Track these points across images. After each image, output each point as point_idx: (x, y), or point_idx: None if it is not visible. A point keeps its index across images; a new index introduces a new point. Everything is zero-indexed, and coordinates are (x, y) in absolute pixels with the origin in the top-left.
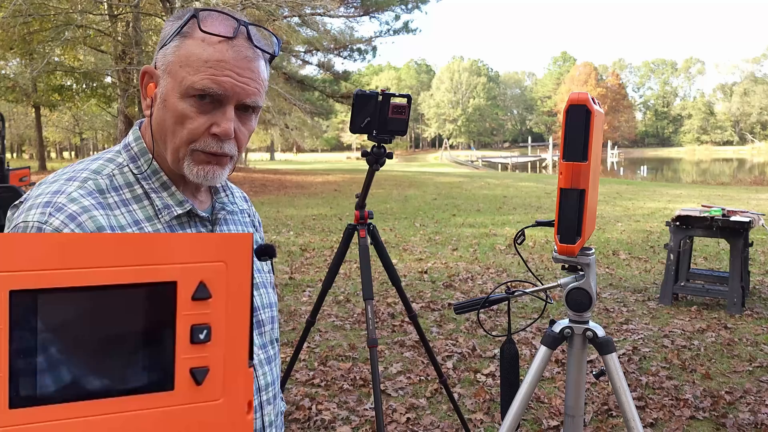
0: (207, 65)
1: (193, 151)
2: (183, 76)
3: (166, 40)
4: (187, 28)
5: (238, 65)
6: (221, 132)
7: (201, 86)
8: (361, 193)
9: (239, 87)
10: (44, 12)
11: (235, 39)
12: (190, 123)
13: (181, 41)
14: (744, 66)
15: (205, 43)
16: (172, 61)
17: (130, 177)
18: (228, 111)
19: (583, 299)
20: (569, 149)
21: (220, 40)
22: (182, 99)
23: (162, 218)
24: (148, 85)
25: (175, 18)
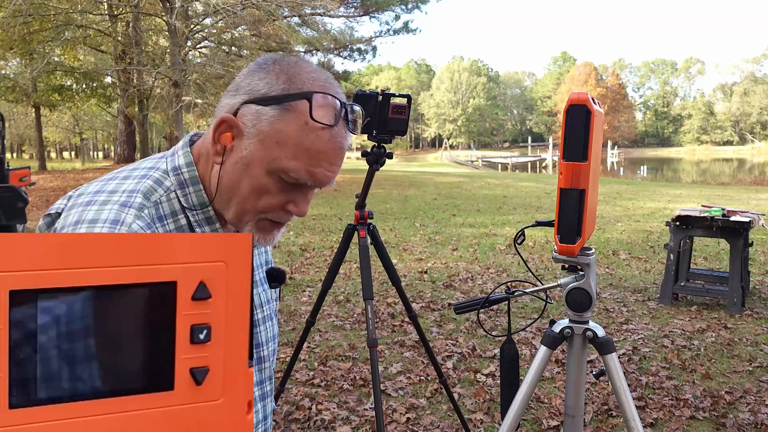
0: (306, 154)
1: (260, 219)
2: (277, 155)
3: (261, 98)
4: (293, 104)
5: (332, 156)
6: (298, 213)
7: (294, 175)
8: (361, 193)
9: (327, 177)
10: (44, 12)
11: (337, 125)
12: (268, 198)
13: (282, 114)
14: (744, 66)
15: (309, 127)
16: (267, 131)
17: (176, 205)
18: (309, 195)
19: (583, 299)
20: (569, 149)
21: (324, 128)
22: (268, 174)
23: None
24: (224, 133)
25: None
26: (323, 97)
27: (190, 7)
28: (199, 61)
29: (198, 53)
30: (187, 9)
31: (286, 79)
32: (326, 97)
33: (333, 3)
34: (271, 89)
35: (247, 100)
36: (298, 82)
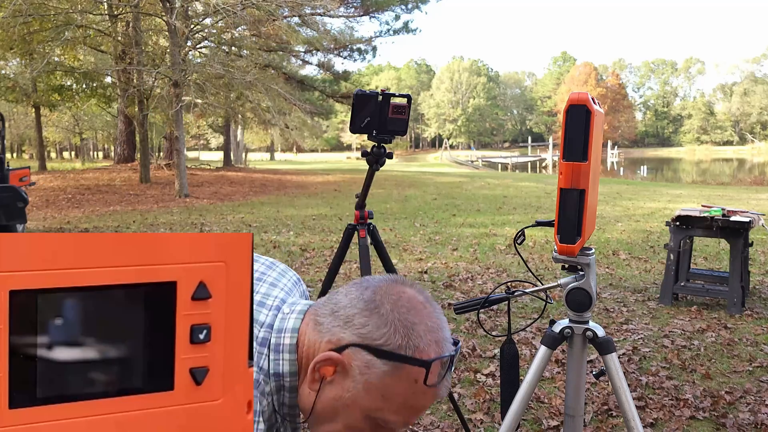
0: (410, 411)
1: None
2: (381, 406)
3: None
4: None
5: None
6: None
7: (392, 426)
8: (361, 193)
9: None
10: (44, 12)
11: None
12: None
13: (394, 371)
14: (744, 66)
15: (418, 388)
16: (375, 383)
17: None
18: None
19: (583, 299)
20: (569, 149)
21: (430, 388)
22: (365, 419)
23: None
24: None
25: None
26: (440, 362)
27: (190, 7)
28: (199, 61)
29: (198, 53)
30: (187, 9)
31: (403, 335)
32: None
33: (333, 3)
34: (387, 341)
35: (358, 343)
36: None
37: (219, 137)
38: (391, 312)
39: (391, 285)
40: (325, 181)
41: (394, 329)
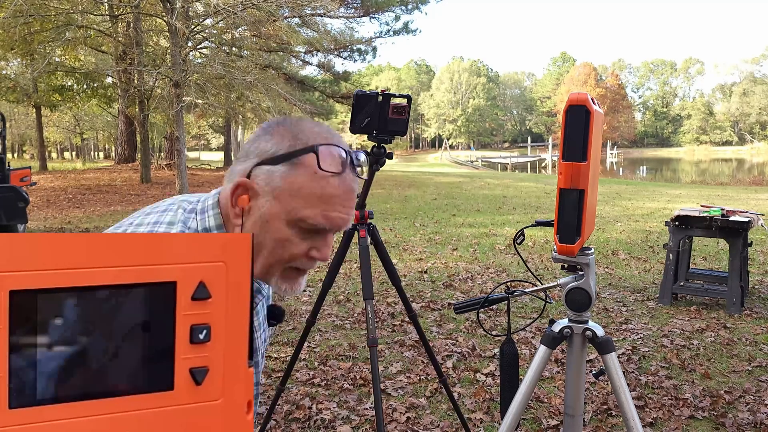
0: (320, 201)
1: (285, 269)
2: (293, 206)
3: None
4: (300, 159)
5: (345, 199)
6: (321, 257)
7: (312, 221)
8: (361, 193)
9: (343, 220)
10: (45, 12)
11: (345, 171)
12: (291, 247)
13: (292, 169)
14: (743, 66)
15: (318, 176)
16: (280, 187)
17: None
18: (329, 239)
19: (583, 299)
20: (569, 149)
21: (333, 175)
22: (288, 226)
23: None
24: (241, 196)
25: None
26: (328, 148)
27: (190, 8)
28: (200, 62)
29: (198, 54)
30: (187, 9)
31: (291, 137)
32: (331, 148)
33: (333, 4)
34: (278, 149)
35: (257, 162)
36: (302, 138)
37: (219, 137)
38: (278, 126)
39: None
40: None
41: (282, 137)
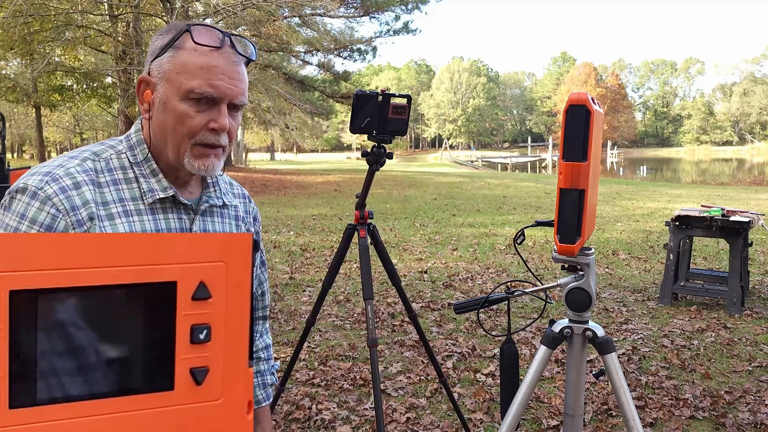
0: (203, 71)
1: (193, 146)
2: (181, 81)
3: (159, 51)
4: (180, 41)
5: (228, 70)
6: (219, 126)
7: (199, 90)
8: (361, 193)
9: (230, 89)
10: (45, 12)
11: (223, 48)
12: (190, 121)
13: (175, 52)
14: (743, 66)
15: (198, 52)
16: (168, 69)
17: (126, 162)
18: (223, 108)
19: (583, 299)
20: (569, 149)
21: (211, 50)
22: (182, 101)
23: (146, 200)
24: (144, 92)
25: (164, 32)
26: (201, 27)
27: (190, 8)
28: None
29: None
30: (187, 9)
31: (174, 30)
32: (204, 27)
33: (333, 3)
34: (163, 42)
35: (151, 60)
36: (179, 26)
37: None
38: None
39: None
40: (325, 181)
41: (167, 32)
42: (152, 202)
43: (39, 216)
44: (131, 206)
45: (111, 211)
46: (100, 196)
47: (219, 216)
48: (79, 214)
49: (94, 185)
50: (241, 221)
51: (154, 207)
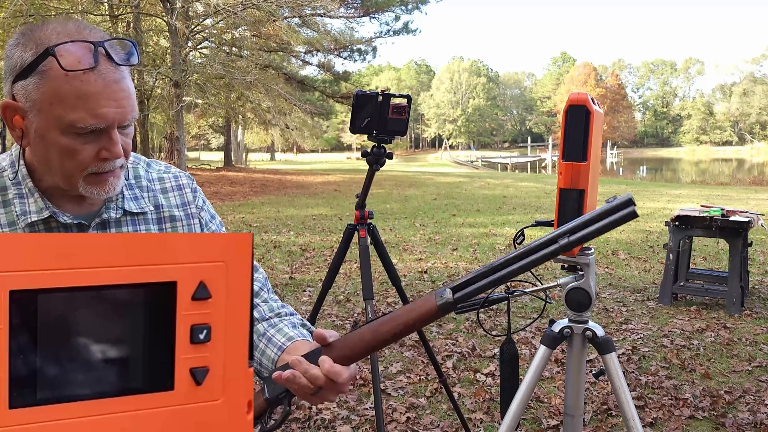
0: (81, 101)
1: (86, 176)
2: (58, 114)
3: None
4: (45, 64)
5: (110, 91)
6: (112, 156)
7: (82, 124)
8: (361, 193)
9: (118, 113)
10: (45, 12)
11: (98, 66)
12: (78, 155)
13: (40, 78)
14: (743, 66)
15: (70, 77)
16: (37, 99)
17: (6, 182)
18: (113, 135)
19: (583, 299)
20: (569, 149)
21: (85, 72)
22: (63, 135)
23: (19, 224)
24: (12, 117)
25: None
26: (67, 46)
27: (190, 8)
28: (200, 62)
29: (198, 54)
30: (187, 9)
31: (33, 45)
32: (71, 45)
33: (333, 4)
34: (24, 60)
35: (12, 80)
36: (42, 43)
37: (219, 137)
38: (22, 36)
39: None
40: (325, 181)
41: (25, 47)
42: (24, 226)
43: None
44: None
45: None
46: None
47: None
48: None
49: None
50: (167, 222)
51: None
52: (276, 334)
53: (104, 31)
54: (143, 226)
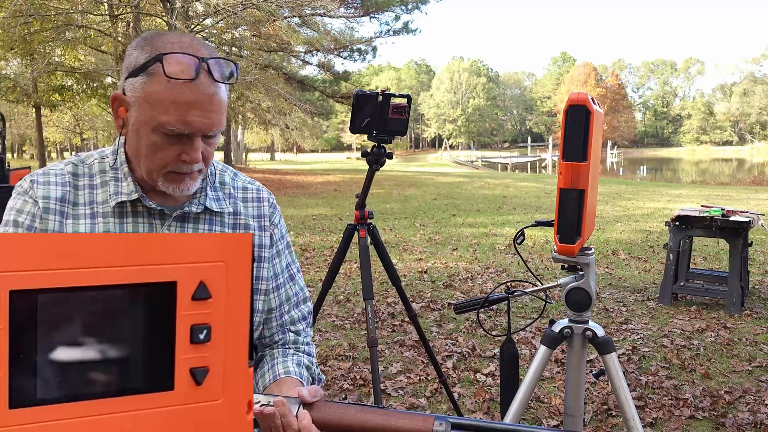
0: (174, 106)
1: (166, 173)
2: (153, 113)
3: (132, 71)
4: (153, 67)
5: (202, 102)
6: (190, 160)
7: (170, 127)
8: (361, 193)
9: (204, 124)
10: (45, 12)
11: (198, 78)
12: (161, 153)
13: (147, 79)
14: (743, 66)
15: (170, 84)
16: (140, 96)
17: (106, 166)
18: (195, 143)
19: (583, 299)
20: (569, 149)
21: (185, 82)
22: (153, 132)
23: (110, 203)
24: (118, 108)
25: (139, 48)
26: (174, 56)
27: (190, 8)
28: None
29: None
30: (187, 9)
31: (149, 49)
32: (178, 56)
33: (333, 3)
34: (138, 61)
35: (126, 75)
36: (157, 48)
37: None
38: (143, 40)
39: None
40: (325, 181)
41: (142, 49)
42: (115, 204)
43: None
44: (99, 209)
45: (78, 212)
46: (74, 197)
47: (206, 223)
48: (48, 204)
49: (70, 186)
50: (241, 228)
51: (121, 211)
52: (279, 365)
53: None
54: (218, 227)
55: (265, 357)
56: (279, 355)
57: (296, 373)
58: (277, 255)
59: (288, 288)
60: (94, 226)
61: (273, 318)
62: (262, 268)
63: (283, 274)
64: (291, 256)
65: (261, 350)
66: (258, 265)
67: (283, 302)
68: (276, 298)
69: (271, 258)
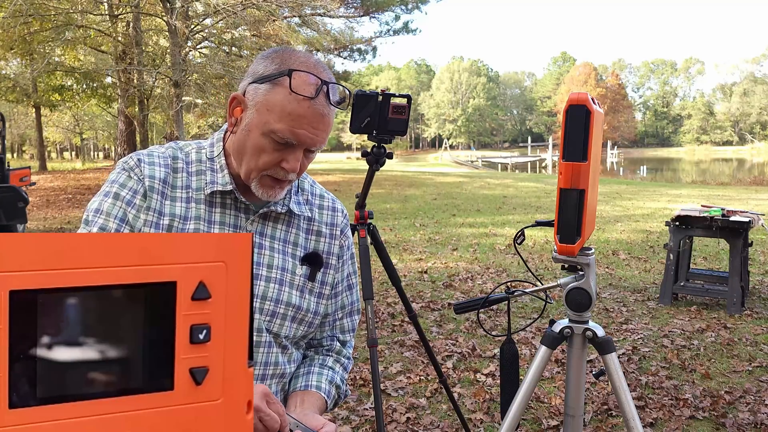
0: (289, 117)
1: (262, 176)
2: (268, 119)
3: (259, 78)
4: (280, 80)
5: (313, 121)
6: (289, 168)
7: (281, 134)
8: (361, 193)
9: (310, 139)
10: (44, 12)
11: (316, 98)
12: (265, 156)
13: (272, 87)
14: (744, 66)
15: (292, 97)
16: (261, 101)
17: (203, 156)
18: (298, 153)
19: (583, 299)
20: (569, 149)
21: (304, 98)
22: (263, 136)
23: (205, 191)
24: (235, 108)
25: (269, 58)
26: (304, 74)
27: (190, 8)
28: (200, 62)
29: (198, 53)
30: (187, 9)
31: (279, 62)
32: (307, 75)
33: (333, 3)
34: (266, 70)
35: (251, 81)
36: (287, 63)
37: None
38: (274, 53)
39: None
40: (325, 180)
41: (272, 60)
42: (210, 193)
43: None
44: (194, 194)
45: (176, 195)
46: (172, 179)
47: (285, 224)
48: (153, 183)
49: (170, 169)
50: (314, 234)
51: (212, 200)
52: (314, 375)
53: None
54: (294, 230)
55: (310, 358)
56: (317, 363)
57: (325, 391)
58: (341, 264)
59: (345, 297)
60: (188, 210)
61: (327, 323)
62: (327, 274)
63: (343, 282)
64: (353, 266)
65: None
66: (324, 271)
67: (338, 309)
68: (333, 304)
69: (336, 266)
